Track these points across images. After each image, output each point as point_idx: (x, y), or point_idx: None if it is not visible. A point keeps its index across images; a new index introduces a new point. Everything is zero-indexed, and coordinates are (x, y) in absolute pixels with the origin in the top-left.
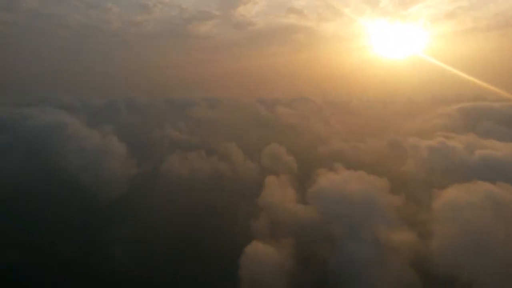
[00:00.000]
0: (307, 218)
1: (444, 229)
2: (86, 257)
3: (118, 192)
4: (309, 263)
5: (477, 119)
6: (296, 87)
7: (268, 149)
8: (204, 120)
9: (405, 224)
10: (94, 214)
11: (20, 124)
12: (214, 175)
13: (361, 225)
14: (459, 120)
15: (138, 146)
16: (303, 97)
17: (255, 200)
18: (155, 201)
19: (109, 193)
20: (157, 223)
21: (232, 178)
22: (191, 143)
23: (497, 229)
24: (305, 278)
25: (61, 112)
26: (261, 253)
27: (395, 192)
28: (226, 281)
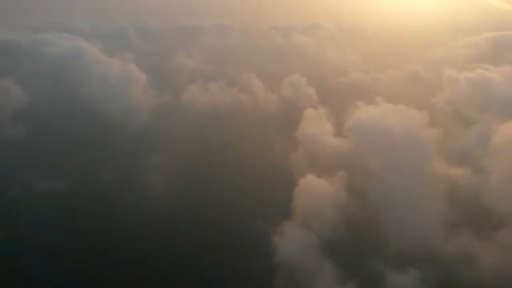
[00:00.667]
0: (346, 151)
1: (499, 164)
2: (123, 185)
3: (141, 121)
4: (350, 195)
5: (507, 49)
6: (307, 12)
7: (289, 80)
8: (218, 48)
9: (445, 158)
10: (122, 143)
11: (42, 51)
12: (237, 106)
13: (401, 158)
14: (487, 51)
15: (156, 75)
16: (316, 23)
17: (288, 132)
18: (182, 131)
19: (133, 122)
20: (189, 153)
21: (255, 109)
22: (209, 72)
23: None
24: (349, 208)
25: (79, 38)
26: (315, 185)
27: (432, 125)
28: (279, 210)
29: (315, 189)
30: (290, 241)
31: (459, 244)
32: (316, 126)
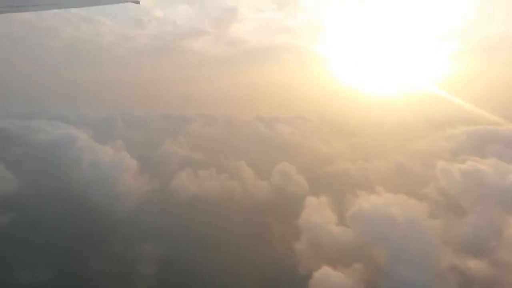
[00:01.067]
0: (351, 241)
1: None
2: (111, 276)
3: (131, 208)
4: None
5: (485, 143)
6: (290, 105)
7: (279, 168)
8: (205, 136)
9: (450, 247)
10: (110, 230)
11: (32, 137)
12: (227, 193)
13: (406, 248)
14: (466, 143)
15: (146, 162)
16: (299, 115)
17: (282, 220)
18: (173, 218)
19: (123, 209)
20: (181, 241)
21: (246, 197)
22: (197, 160)
23: None
24: None
25: (68, 126)
26: (331, 278)
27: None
28: None
29: (333, 282)
30: None
31: None
32: (318, 214)
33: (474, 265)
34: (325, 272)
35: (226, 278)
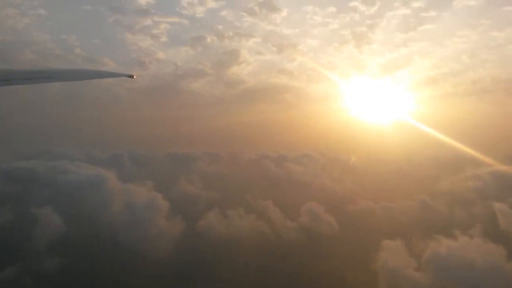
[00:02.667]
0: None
1: None
2: None
3: (165, 251)
4: None
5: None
6: (292, 143)
7: (306, 208)
8: (217, 175)
9: None
10: (151, 273)
11: (61, 179)
12: (260, 235)
13: None
14: (491, 184)
15: (170, 202)
16: (305, 153)
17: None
18: (207, 260)
19: (157, 253)
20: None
21: (280, 238)
22: (219, 199)
23: None
24: None
25: (91, 166)
26: None
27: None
28: None
29: None
30: None
31: None
32: (396, 258)
33: None
34: None
35: None
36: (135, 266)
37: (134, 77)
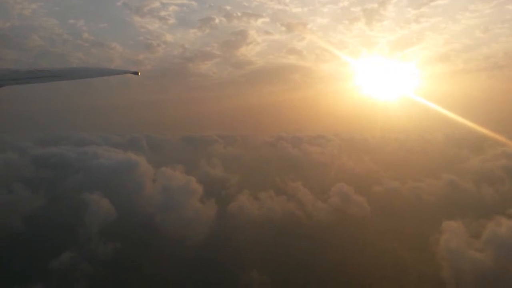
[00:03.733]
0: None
1: None
2: None
3: (202, 235)
4: None
5: None
6: (305, 124)
7: (336, 189)
8: (237, 158)
9: None
10: (191, 256)
11: (93, 163)
12: (292, 216)
13: None
14: None
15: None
16: (320, 135)
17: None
18: (244, 243)
19: (194, 236)
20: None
21: (312, 219)
22: (247, 181)
23: None
24: None
25: (120, 151)
26: None
27: None
28: None
29: None
30: None
31: None
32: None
33: None
34: None
35: None
36: (173, 250)
37: (139, 74)
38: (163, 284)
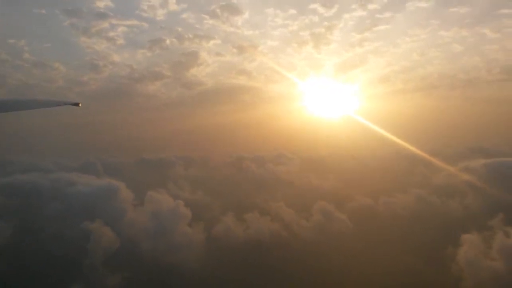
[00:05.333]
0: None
1: None
2: None
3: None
4: None
5: (503, 175)
6: (261, 143)
7: (317, 207)
8: (202, 179)
9: None
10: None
11: (70, 191)
12: (278, 236)
13: None
14: (486, 176)
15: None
16: (280, 153)
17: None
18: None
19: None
20: None
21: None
22: (218, 203)
23: None
24: None
25: (89, 176)
26: None
27: None
28: None
29: None
30: None
31: None
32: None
33: None
34: None
35: None
36: (165, 275)
37: (80, 105)
38: None
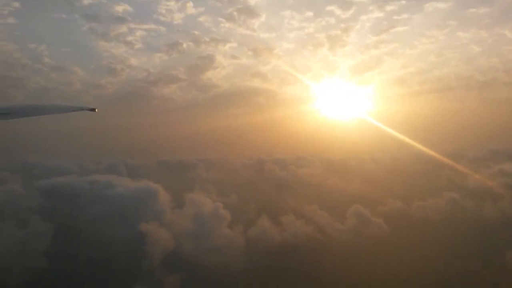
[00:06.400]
0: None
1: None
2: None
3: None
4: None
5: None
6: (280, 146)
7: (352, 210)
8: (226, 182)
9: None
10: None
11: (110, 193)
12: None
13: None
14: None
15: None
16: (300, 156)
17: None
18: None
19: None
20: None
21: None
22: (252, 206)
23: None
24: None
25: (128, 179)
26: None
27: None
28: None
29: None
30: None
31: None
32: None
33: None
34: None
35: None
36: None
37: (96, 110)
38: None
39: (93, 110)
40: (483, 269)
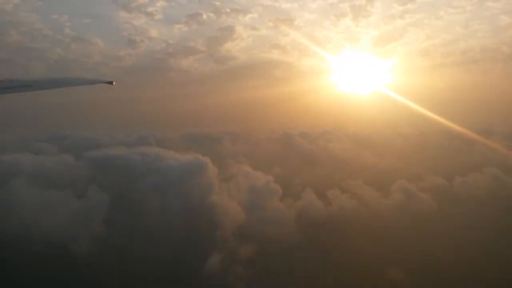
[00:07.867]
0: None
1: None
2: None
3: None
4: None
5: None
6: (302, 120)
7: (398, 185)
8: (257, 155)
9: None
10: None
11: (164, 164)
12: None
13: None
14: None
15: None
16: (324, 130)
17: None
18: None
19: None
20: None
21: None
22: (300, 181)
23: None
24: None
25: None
26: None
27: None
28: None
29: None
30: None
31: None
32: None
33: None
34: None
35: None
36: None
37: (114, 83)
38: None
39: (111, 83)
40: None
